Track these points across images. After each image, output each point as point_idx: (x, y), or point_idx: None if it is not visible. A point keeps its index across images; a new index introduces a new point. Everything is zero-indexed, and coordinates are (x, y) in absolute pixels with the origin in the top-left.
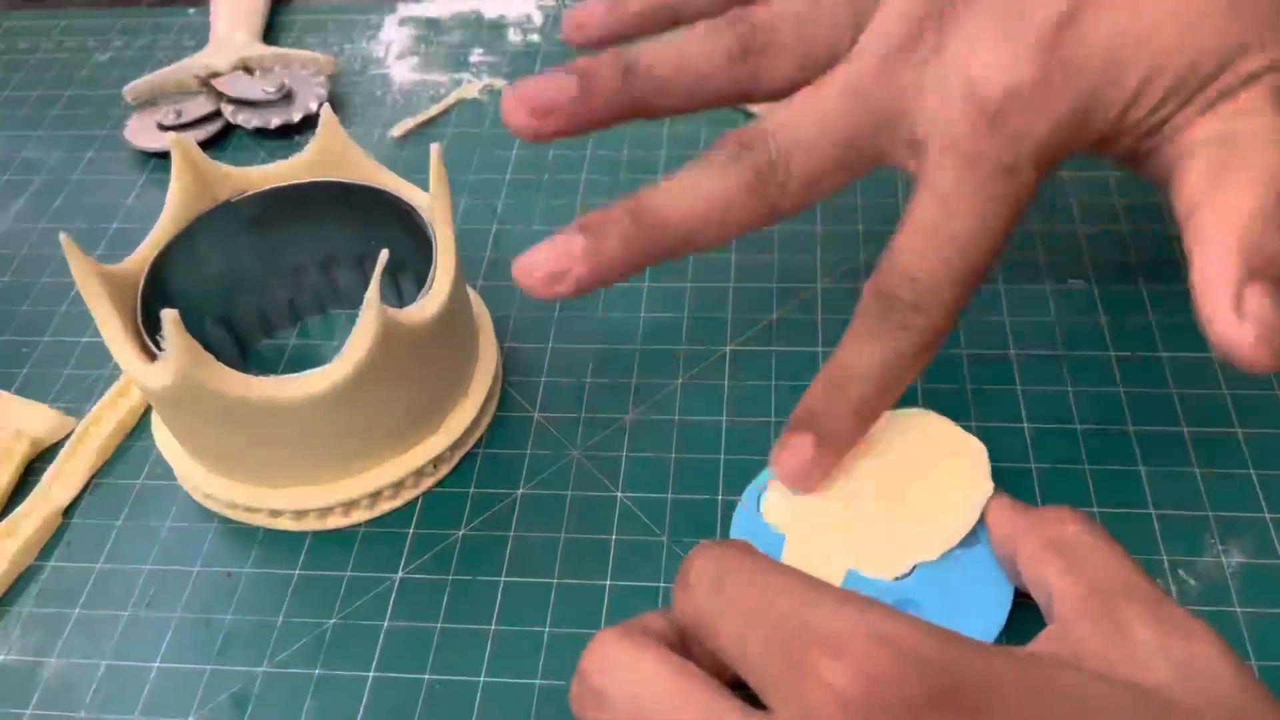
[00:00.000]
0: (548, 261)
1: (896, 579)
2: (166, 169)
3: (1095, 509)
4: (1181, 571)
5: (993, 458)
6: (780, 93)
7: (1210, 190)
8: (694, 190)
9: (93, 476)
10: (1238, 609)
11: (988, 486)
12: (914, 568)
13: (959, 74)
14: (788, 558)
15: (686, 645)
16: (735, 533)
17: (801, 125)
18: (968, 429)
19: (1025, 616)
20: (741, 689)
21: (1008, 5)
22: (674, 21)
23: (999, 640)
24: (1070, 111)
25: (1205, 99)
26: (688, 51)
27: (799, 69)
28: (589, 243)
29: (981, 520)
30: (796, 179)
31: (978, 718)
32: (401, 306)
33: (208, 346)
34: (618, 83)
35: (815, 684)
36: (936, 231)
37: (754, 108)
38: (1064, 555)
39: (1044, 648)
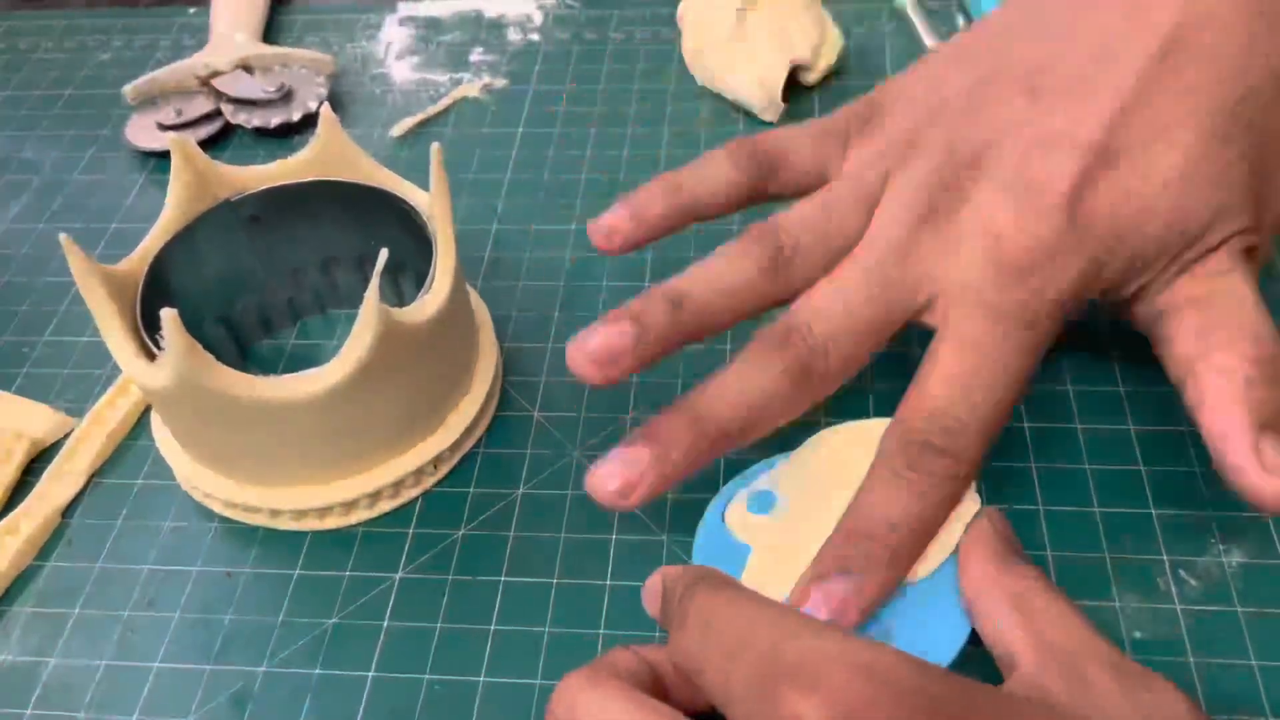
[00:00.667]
0: (618, 477)
1: None
2: (166, 169)
3: (1096, 509)
4: (1181, 571)
5: (992, 458)
6: (810, 286)
7: (1201, 352)
8: (745, 389)
9: (92, 476)
10: (1238, 609)
11: (972, 507)
12: None
13: (980, 233)
14: (752, 572)
15: (659, 684)
16: (700, 542)
17: (833, 312)
18: None
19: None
20: None
21: (1016, 175)
22: (693, 218)
23: (962, 655)
24: (1082, 271)
25: (1183, 261)
26: (725, 278)
27: (825, 264)
28: (656, 454)
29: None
30: (835, 364)
31: None
32: (401, 306)
33: (208, 346)
34: (669, 322)
35: (790, 712)
36: (970, 378)
37: None
38: (1028, 615)
39: (1016, 690)
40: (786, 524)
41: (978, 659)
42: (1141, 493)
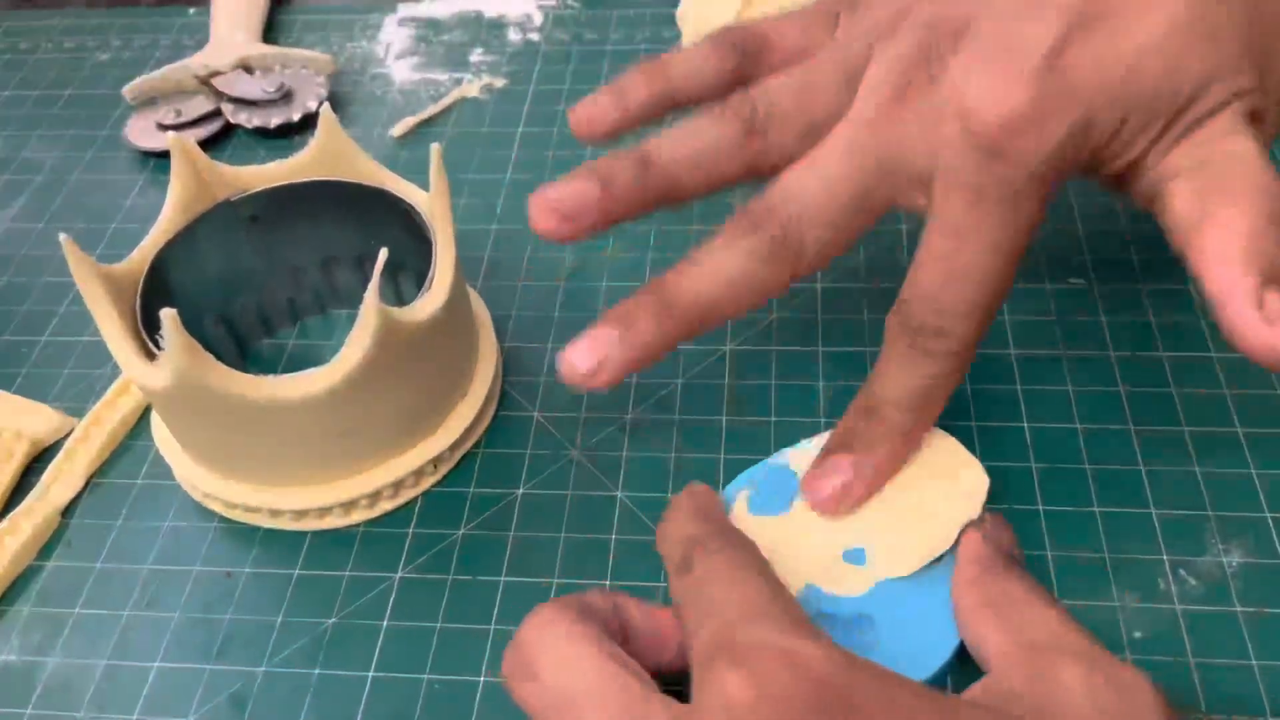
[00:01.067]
0: (586, 357)
1: (855, 595)
2: (166, 169)
3: (1095, 509)
4: (1182, 571)
5: (993, 457)
6: (789, 163)
7: (1202, 212)
8: (715, 268)
9: (92, 476)
10: (1238, 609)
11: (971, 513)
12: (874, 586)
13: (955, 109)
14: None
15: (628, 635)
16: None
17: (808, 190)
18: (967, 429)
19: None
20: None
21: (995, 41)
22: (675, 106)
23: (953, 663)
24: (1063, 137)
25: (1181, 125)
26: (697, 139)
27: (803, 138)
28: (621, 332)
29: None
30: (811, 244)
31: None
32: (401, 306)
33: (208, 346)
34: (635, 180)
35: (716, 687)
36: (952, 262)
37: None
38: (1000, 612)
39: (974, 695)
40: (787, 524)
41: (974, 667)
42: (1141, 493)
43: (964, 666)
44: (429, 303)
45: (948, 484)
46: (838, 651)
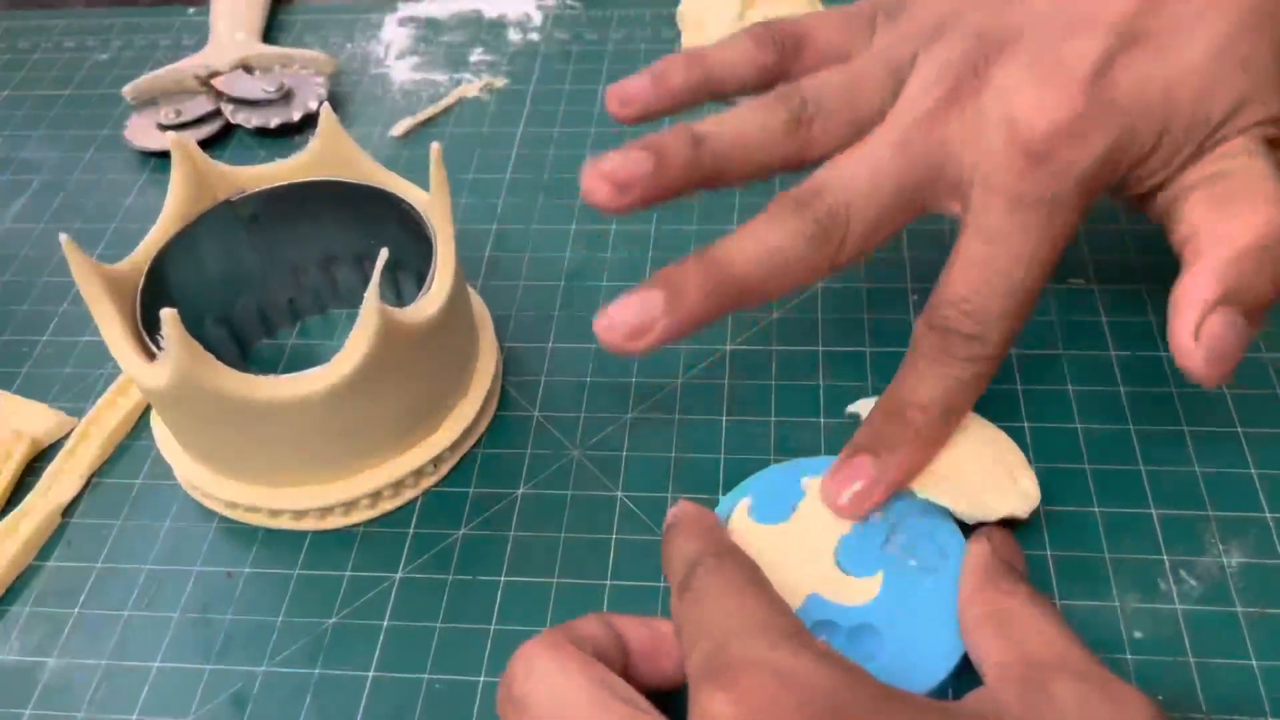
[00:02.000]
0: (633, 317)
1: (858, 605)
2: (166, 169)
3: (1095, 509)
4: (1182, 571)
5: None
6: (832, 156)
7: (1210, 218)
8: (761, 243)
9: (92, 476)
10: (1238, 609)
11: (1020, 511)
12: (877, 595)
13: (1000, 117)
14: None
15: (626, 656)
16: None
17: (857, 179)
18: None
19: None
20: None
21: (1042, 53)
22: (714, 94)
23: (957, 673)
24: (1106, 149)
25: (1205, 147)
26: (745, 126)
27: (848, 133)
28: (669, 296)
29: (947, 546)
30: (855, 231)
31: None
32: (401, 306)
33: (208, 346)
34: (688, 157)
35: (704, 706)
36: (987, 267)
37: None
38: (1002, 624)
39: (964, 705)
40: (788, 532)
41: (977, 678)
42: (1141, 493)
43: (968, 677)
44: (429, 303)
45: (1004, 477)
46: (831, 664)
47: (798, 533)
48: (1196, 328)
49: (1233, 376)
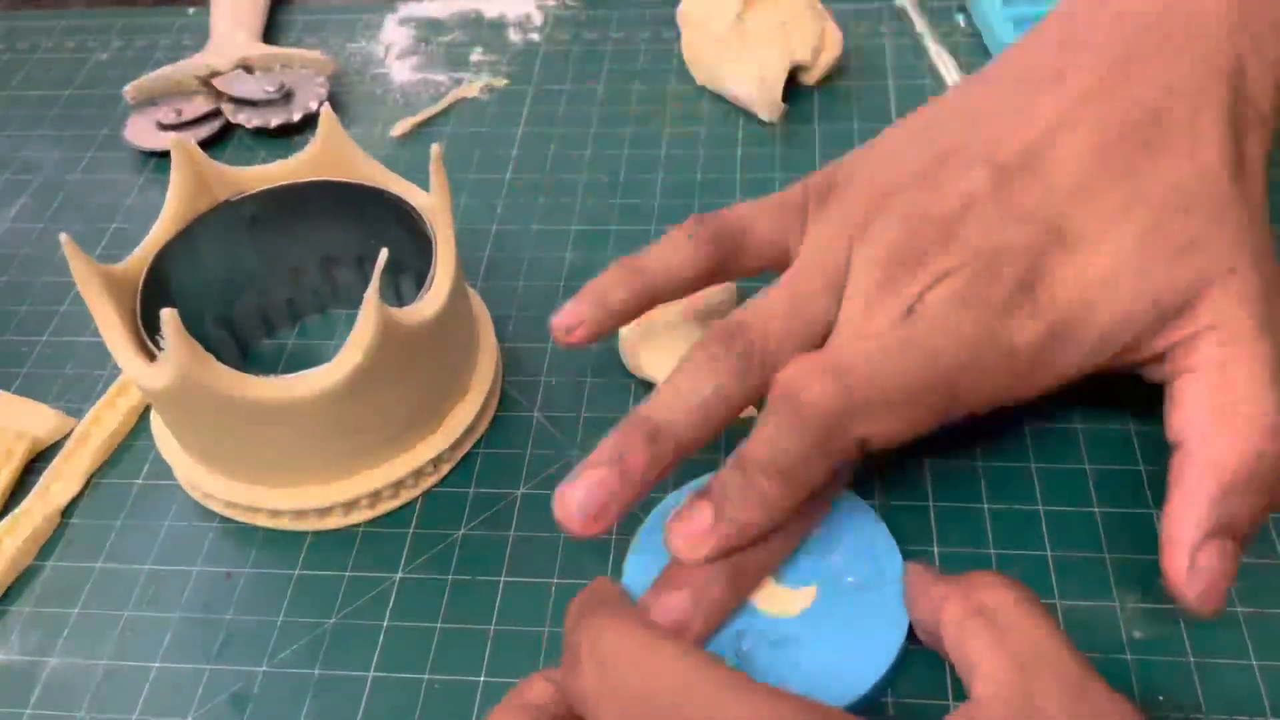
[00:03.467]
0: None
1: (786, 615)
2: (166, 169)
3: (1095, 509)
4: None
5: (992, 458)
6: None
7: (1201, 429)
8: (694, 391)
9: (92, 476)
10: (1238, 609)
11: None
12: (808, 607)
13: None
14: None
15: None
16: (634, 553)
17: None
18: (968, 429)
19: (914, 660)
20: None
21: (978, 252)
22: (656, 302)
23: (883, 684)
24: (1046, 333)
25: (1184, 325)
26: (698, 396)
27: (798, 349)
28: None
29: (886, 567)
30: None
31: None
32: (401, 306)
33: (208, 346)
34: (649, 456)
35: None
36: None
37: None
38: (991, 626)
39: None
40: None
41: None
42: (1141, 493)
43: (906, 677)
44: (429, 303)
45: None
46: (791, 706)
47: None
48: (1191, 568)
49: (1225, 604)
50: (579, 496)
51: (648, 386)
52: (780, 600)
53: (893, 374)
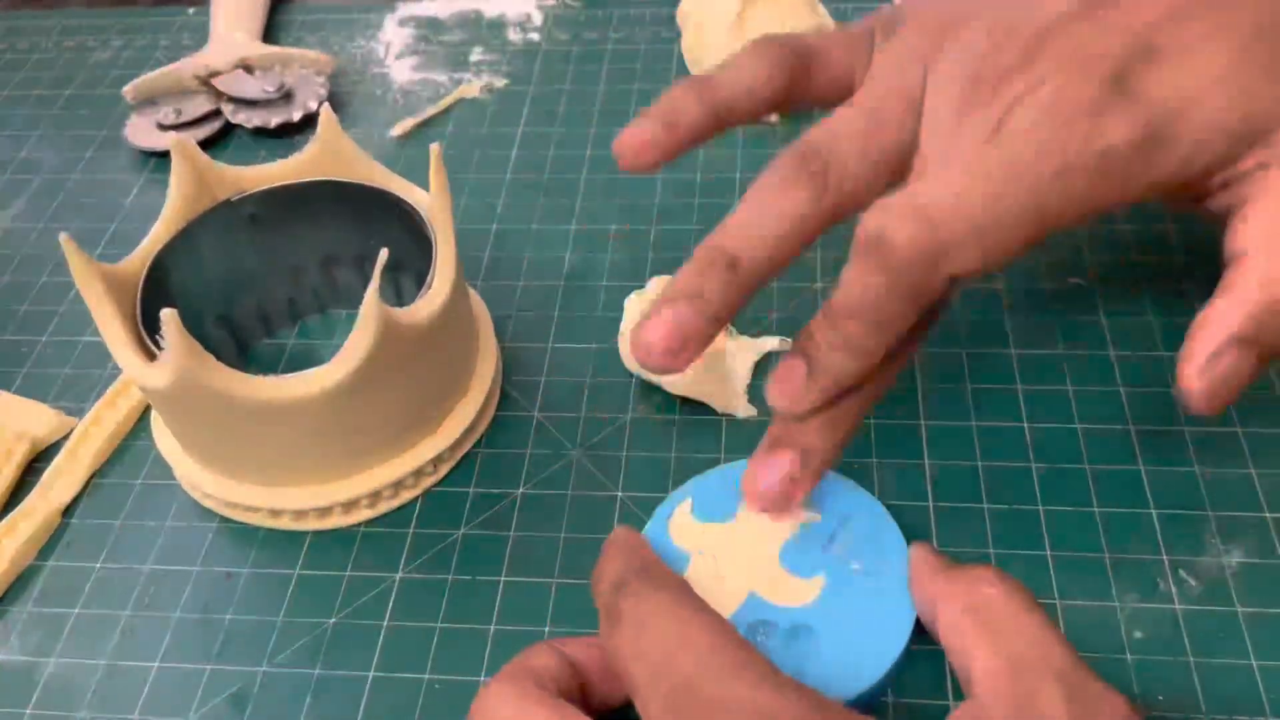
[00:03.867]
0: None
1: (797, 606)
2: (166, 169)
3: (1095, 509)
4: (1181, 571)
5: (992, 457)
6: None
7: (1261, 247)
8: (764, 219)
9: (92, 476)
10: (1238, 609)
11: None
12: (817, 596)
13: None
14: (690, 580)
15: (581, 680)
16: None
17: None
18: (967, 429)
19: (923, 652)
20: None
21: (1066, 67)
22: (725, 126)
23: (895, 670)
24: (1127, 139)
25: (1260, 154)
26: (773, 221)
27: (872, 173)
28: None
29: (890, 551)
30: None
31: None
32: (401, 306)
33: (208, 346)
34: (729, 286)
35: None
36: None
37: None
38: (985, 624)
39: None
40: (731, 532)
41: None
42: (1141, 493)
43: (907, 676)
44: (429, 303)
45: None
46: (803, 699)
47: (742, 532)
48: (1209, 358)
49: (1224, 410)
50: (662, 333)
51: (648, 386)
52: (790, 591)
53: (982, 202)
